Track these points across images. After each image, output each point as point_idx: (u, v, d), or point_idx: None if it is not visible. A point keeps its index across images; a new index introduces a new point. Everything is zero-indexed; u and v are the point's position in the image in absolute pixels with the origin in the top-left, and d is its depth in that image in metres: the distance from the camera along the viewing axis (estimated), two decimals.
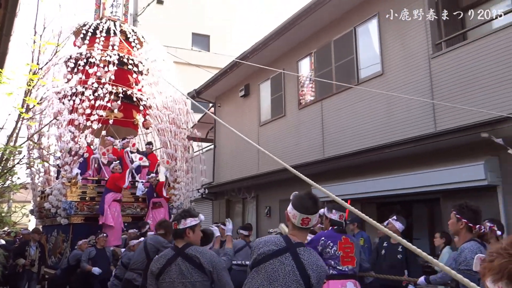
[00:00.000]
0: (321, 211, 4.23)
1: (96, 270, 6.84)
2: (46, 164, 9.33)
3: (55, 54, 5.62)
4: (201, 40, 22.35)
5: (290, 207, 2.39)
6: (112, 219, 7.75)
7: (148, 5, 18.39)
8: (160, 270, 2.83)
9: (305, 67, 10.33)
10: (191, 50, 20.79)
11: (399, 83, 7.66)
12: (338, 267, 4.03)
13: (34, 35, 5.57)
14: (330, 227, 4.28)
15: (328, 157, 9.00)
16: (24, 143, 8.11)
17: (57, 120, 7.87)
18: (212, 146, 14.26)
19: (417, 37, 7.43)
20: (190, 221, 2.96)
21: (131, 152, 9.62)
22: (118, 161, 8.61)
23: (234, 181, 12.44)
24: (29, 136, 8.43)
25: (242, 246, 6.72)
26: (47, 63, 5.80)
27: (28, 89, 5.19)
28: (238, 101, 13.15)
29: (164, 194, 8.80)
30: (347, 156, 8.50)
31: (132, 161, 9.39)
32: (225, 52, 21.14)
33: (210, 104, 14.72)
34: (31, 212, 9.90)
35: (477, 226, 2.88)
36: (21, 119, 6.15)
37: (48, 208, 8.09)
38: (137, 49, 10.21)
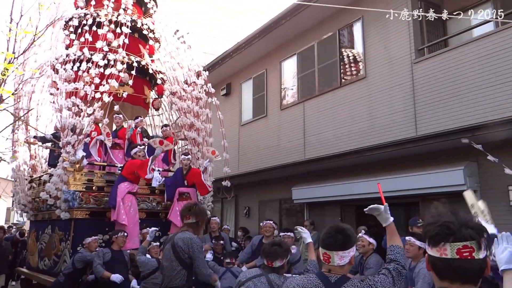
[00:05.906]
0: None
1: (116, 277, 5.24)
2: (33, 148, 8.02)
3: (33, 43, 5.27)
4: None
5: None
6: (125, 217, 6.24)
7: None
8: None
9: (288, 67, 10.30)
10: None
11: (381, 86, 7.71)
12: None
13: (10, 23, 5.28)
14: None
15: (308, 158, 9.00)
16: (11, 124, 7.07)
17: (58, 90, 6.55)
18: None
19: (400, 42, 7.50)
20: None
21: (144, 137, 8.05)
22: (143, 146, 6.97)
23: (213, 181, 12.28)
24: (17, 117, 7.19)
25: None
26: (26, 49, 5.40)
27: (2, 78, 4.92)
28: (219, 100, 12.97)
29: (208, 183, 7.23)
30: (328, 158, 8.51)
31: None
32: (206, 50, 20.98)
33: None
34: (18, 204, 8.26)
35: None
36: None
37: (44, 199, 6.56)
38: (154, 12, 8.90)
